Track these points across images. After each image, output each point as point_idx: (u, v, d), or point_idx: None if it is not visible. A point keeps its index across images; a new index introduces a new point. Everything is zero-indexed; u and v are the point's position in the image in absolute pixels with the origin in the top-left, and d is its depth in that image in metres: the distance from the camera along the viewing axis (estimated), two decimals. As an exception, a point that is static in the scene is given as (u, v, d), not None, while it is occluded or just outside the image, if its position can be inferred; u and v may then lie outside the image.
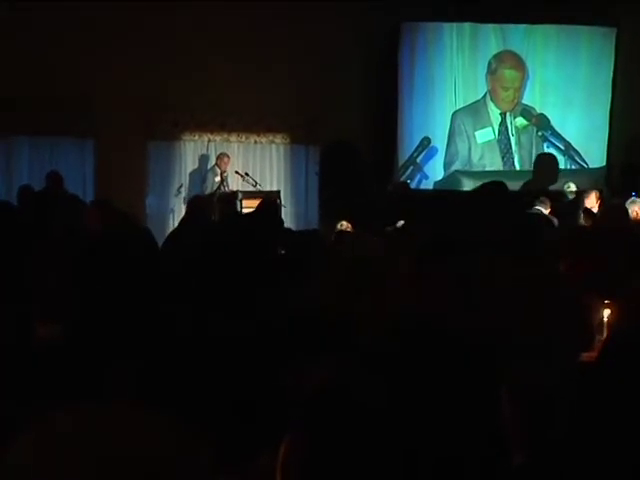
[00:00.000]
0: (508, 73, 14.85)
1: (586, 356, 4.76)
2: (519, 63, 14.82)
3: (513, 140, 14.82)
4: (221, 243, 5.88)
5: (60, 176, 11.91)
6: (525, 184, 13.96)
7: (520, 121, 14.77)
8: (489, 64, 14.77)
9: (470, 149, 14.79)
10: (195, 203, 9.58)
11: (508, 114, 14.79)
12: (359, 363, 3.64)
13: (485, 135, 14.81)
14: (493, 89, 14.81)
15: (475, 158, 14.79)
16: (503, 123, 14.79)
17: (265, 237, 6.72)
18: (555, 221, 9.27)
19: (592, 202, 10.39)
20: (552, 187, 13.90)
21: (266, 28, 13.47)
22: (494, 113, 14.82)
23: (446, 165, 14.80)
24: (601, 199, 10.53)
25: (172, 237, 8.38)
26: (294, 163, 14.81)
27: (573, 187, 12.79)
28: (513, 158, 14.87)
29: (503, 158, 14.84)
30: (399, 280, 4.92)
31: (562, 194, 12.67)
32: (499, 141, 14.84)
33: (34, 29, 12.22)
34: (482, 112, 14.80)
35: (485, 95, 14.81)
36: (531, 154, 14.88)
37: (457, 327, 4.06)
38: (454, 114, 14.74)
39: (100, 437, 1.49)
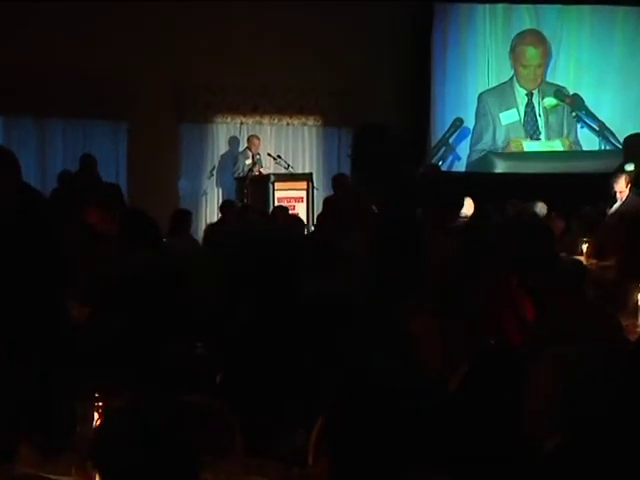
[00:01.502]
0: (527, 50, 14.72)
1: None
2: (540, 40, 14.69)
3: (540, 121, 14.71)
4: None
5: (94, 159, 11.98)
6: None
7: (549, 101, 14.65)
8: (512, 42, 14.70)
9: (495, 131, 14.71)
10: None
11: (535, 94, 14.68)
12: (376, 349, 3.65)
13: (510, 117, 14.71)
14: (515, 68, 14.73)
15: (499, 140, 14.72)
16: (530, 104, 14.69)
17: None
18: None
19: (621, 186, 10.23)
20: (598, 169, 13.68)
21: (299, 10, 13.43)
22: (520, 94, 14.72)
23: (471, 147, 14.74)
24: (631, 182, 10.37)
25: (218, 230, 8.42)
26: (326, 145, 14.79)
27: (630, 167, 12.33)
28: (540, 139, 14.76)
29: (530, 139, 14.73)
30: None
31: None
32: (525, 122, 14.74)
33: (67, 11, 12.25)
34: (508, 93, 14.71)
35: (512, 76, 14.74)
36: (560, 135, 14.76)
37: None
38: (480, 96, 14.68)
39: None
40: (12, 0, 11.89)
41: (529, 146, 14.78)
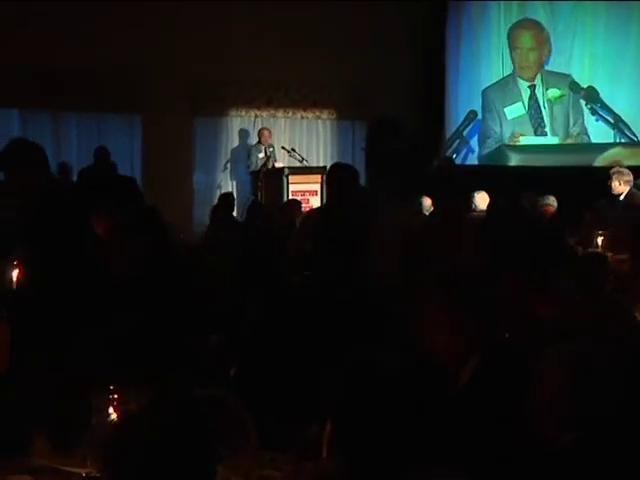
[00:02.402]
0: (519, 33, 14.60)
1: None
2: (533, 25, 14.59)
3: (545, 113, 14.66)
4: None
5: (108, 152, 12.02)
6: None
7: (553, 92, 14.59)
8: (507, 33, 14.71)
9: (501, 126, 14.68)
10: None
11: (538, 86, 14.62)
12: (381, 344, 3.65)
13: (515, 111, 14.66)
14: (512, 57, 14.69)
15: (507, 134, 14.68)
16: (532, 96, 14.64)
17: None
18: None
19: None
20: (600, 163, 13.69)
21: (314, 3, 13.41)
22: (523, 86, 14.67)
23: (480, 142, 14.72)
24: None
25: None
26: (341, 139, 14.80)
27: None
28: (546, 131, 14.71)
29: (535, 132, 14.69)
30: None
31: None
32: (530, 115, 14.69)
33: (82, 7, 12.27)
34: (511, 87, 14.66)
35: (513, 69, 14.71)
36: (566, 126, 14.69)
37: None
38: (484, 91, 14.66)
39: None
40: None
41: (533, 141, 14.72)
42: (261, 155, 13.24)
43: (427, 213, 10.11)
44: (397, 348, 3.65)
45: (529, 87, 14.65)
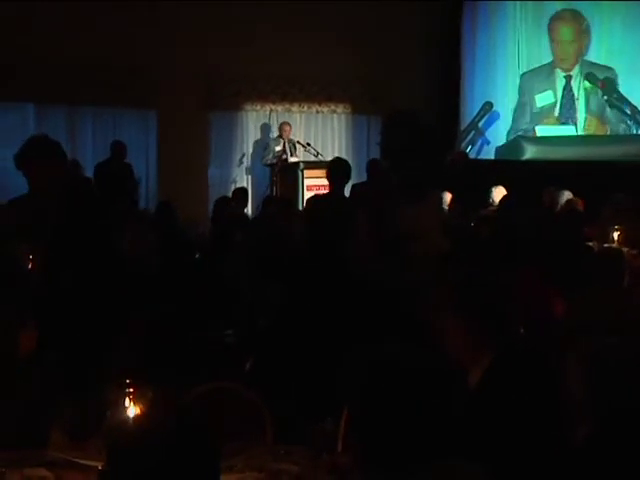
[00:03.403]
0: (559, 26, 14.56)
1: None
2: (574, 17, 14.56)
3: (578, 104, 14.58)
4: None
5: (124, 146, 12.04)
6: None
7: (587, 84, 14.52)
8: (547, 25, 14.63)
9: (530, 112, 14.63)
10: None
11: (574, 76, 14.54)
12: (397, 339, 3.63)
13: (544, 99, 14.60)
14: (552, 47, 14.63)
15: (534, 122, 14.62)
16: (567, 86, 14.57)
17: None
18: None
19: None
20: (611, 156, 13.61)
21: (328, -3, 13.41)
22: (559, 76, 14.61)
23: (511, 130, 14.66)
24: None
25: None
26: (356, 133, 14.77)
27: None
28: (576, 123, 14.64)
29: (561, 121, 14.62)
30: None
31: None
32: (561, 105, 14.62)
33: (97, 2, 12.29)
34: (546, 75, 14.59)
35: (552, 57, 14.65)
36: (599, 119, 14.61)
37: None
38: (522, 76, 14.61)
39: None
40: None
41: (555, 130, 14.65)
42: (278, 148, 13.24)
43: (446, 208, 10.08)
44: (413, 345, 3.64)
45: (565, 77, 14.58)
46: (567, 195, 10.30)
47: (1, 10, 11.74)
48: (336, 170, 8.22)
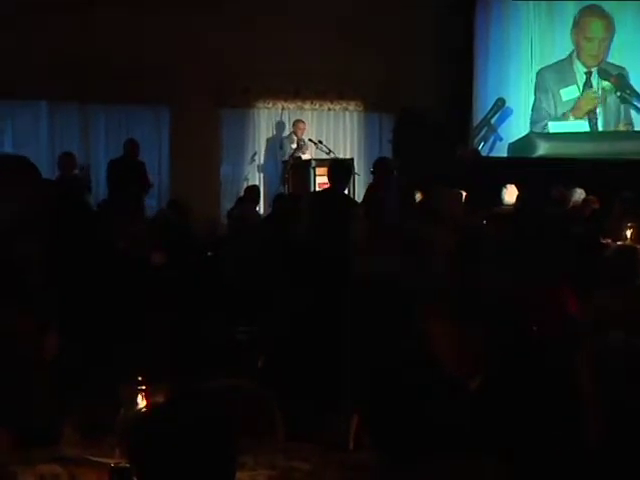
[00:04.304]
0: (592, 22, 14.50)
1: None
2: (604, 14, 14.51)
3: (597, 100, 14.53)
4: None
5: (137, 144, 12.07)
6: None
7: (603, 81, 14.47)
8: (574, 18, 14.53)
9: (556, 107, 14.57)
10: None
11: (594, 73, 14.49)
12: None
13: (570, 93, 14.54)
14: (578, 43, 14.52)
15: (559, 117, 14.56)
16: (588, 82, 14.51)
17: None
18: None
19: None
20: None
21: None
22: (579, 71, 14.55)
23: (532, 123, 14.60)
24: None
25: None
26: (368, 131, 14.77)
27: None
28: (597, 119, 14.58)
29: (583, 119, 14.57)
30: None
31: None
32: (582, 101, 14.57)
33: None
34: (567, 70, 14.54)
35: (571, 53, 14.56)
36: (617, 116, 14.56)
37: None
38: (539, 72, 14.55)
39: None
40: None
41: (582, 126, 14.59)
42: (293, 146, 13.26)
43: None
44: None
45: (585, 73, 14.52)
46: (579, 193, 10.29)
47: (15, 10, 11.77)
48: (336, 171, 8.49)
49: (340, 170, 8.50)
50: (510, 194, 10.10)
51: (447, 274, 5.25)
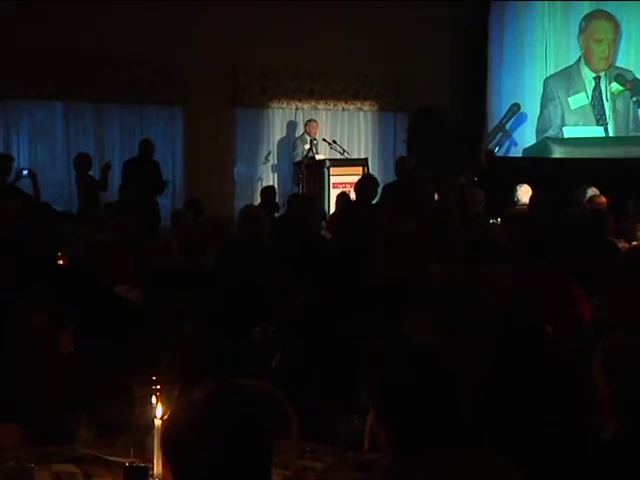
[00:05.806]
0: (599, 24, 14.42)
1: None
2: (610, 16, 14.43)
3: (607, 106, 14.45)
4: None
5: (152, 144, 12.10)
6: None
7: (615, 86, 14.39)
8: (580, 25, 14.46)
9: (563, 116, 14.51)
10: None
11: (602, 78, 14.42)
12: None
13: (579, 100, 14.47)
14: (586, 48, 14.43)
15: (569, 124, 14.51)
16: (597, 88, 14.43)
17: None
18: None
19: None
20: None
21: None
22: (588, 77, 14.47)
23: (538, 132, 14.56)
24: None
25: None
26: (382, 131, 14.76)
27: None
28: (607, 124, 14.52)
29: (597, 123, 14.50)
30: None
31: None
32: (593, 106, 14.50)
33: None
34: (575, 77, 14.47)
35: (579, 59, 14.48)
36: (627, 120, 14.50)
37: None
38: (546, 80, 14.48)
39: None
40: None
41: (593, 131, 14.52)
42: (306, 146, 13.25)
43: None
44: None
45: (594, 78, 14.44)
46: (592, 192, 10.26)
47: (29, 9, 11.81)
48: (365, 186, 9.17)
49: (370, 187, 9.20)
50: (524, 193, 10.08)
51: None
